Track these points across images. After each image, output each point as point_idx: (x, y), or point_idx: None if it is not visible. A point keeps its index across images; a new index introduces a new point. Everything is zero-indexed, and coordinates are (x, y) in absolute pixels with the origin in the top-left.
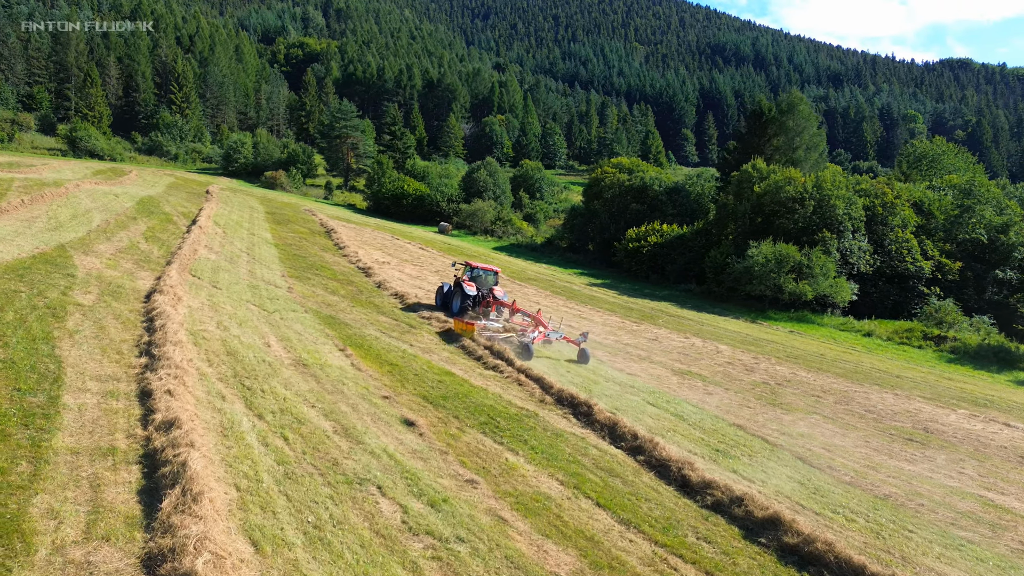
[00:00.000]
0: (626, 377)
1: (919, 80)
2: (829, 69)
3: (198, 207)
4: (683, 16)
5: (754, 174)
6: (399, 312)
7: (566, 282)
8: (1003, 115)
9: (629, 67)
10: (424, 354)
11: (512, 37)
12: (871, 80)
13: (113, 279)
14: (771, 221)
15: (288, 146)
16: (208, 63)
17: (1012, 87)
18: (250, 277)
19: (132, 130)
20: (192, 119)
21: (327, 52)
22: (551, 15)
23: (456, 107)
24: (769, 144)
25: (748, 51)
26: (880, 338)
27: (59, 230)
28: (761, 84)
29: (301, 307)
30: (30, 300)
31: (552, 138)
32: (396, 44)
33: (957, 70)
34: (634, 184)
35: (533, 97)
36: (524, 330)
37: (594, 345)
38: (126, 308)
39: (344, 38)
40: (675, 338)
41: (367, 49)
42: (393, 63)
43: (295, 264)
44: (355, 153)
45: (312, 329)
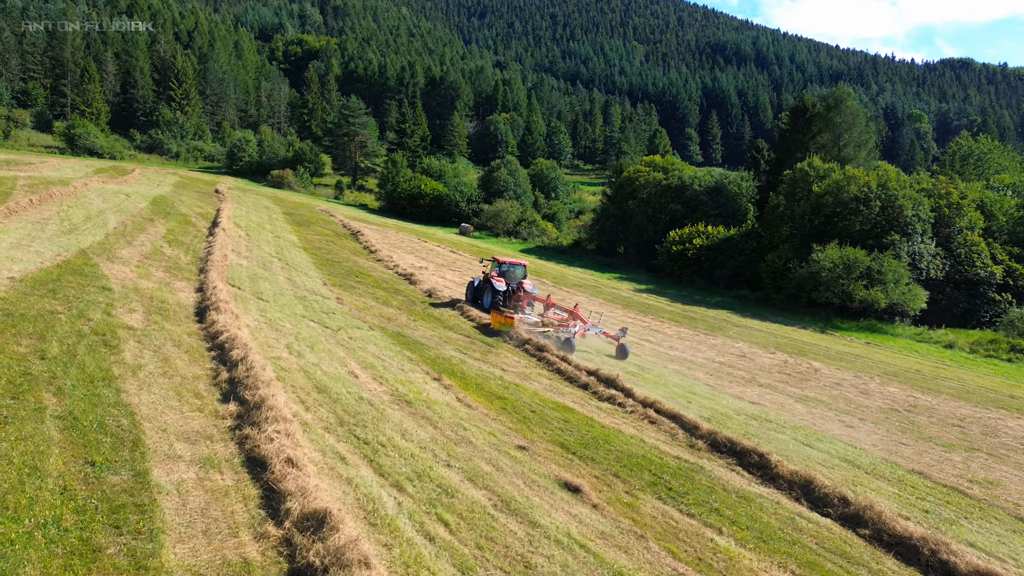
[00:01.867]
0: (751, 407)
1: (921, 80)
2: (831, 69)
3: (214, 207)
4: (681, 15)
5: (811, 172)
6: (466, 326)
7: (612, 288)
8: (1008, 115)
9: (630, 66)
10: (523, 381)
11: (510, 36)
12: (873, 80)
13: (152, 292)
14: (832, 223)
15: (293, 144)
16: (208, 60)
17: (1014, 87)
18: (292, 286)
19: (130, 128)
20: (192, 116)
21: (327, 49)
22: (548, 14)
23: (460, 105)
24: (814, 141)
25: (749, 50)
26: (963, 350)
27: (75, 233)
28: (764, 83)
29: (363, 322)
30: (73, 324)
31: (557, 137)
32: (396, 42)
33: (958, 70)
34: (672, 183)
35: (537, 95)
36: (561, 324)
37: (687, 364)
38: (182, 330)
39: (344, 35)
40: (762, 354)
41: (367, 46)
42: (395, 60)
43: (332, 270)
44: (363, 152)
45: (389, 351)
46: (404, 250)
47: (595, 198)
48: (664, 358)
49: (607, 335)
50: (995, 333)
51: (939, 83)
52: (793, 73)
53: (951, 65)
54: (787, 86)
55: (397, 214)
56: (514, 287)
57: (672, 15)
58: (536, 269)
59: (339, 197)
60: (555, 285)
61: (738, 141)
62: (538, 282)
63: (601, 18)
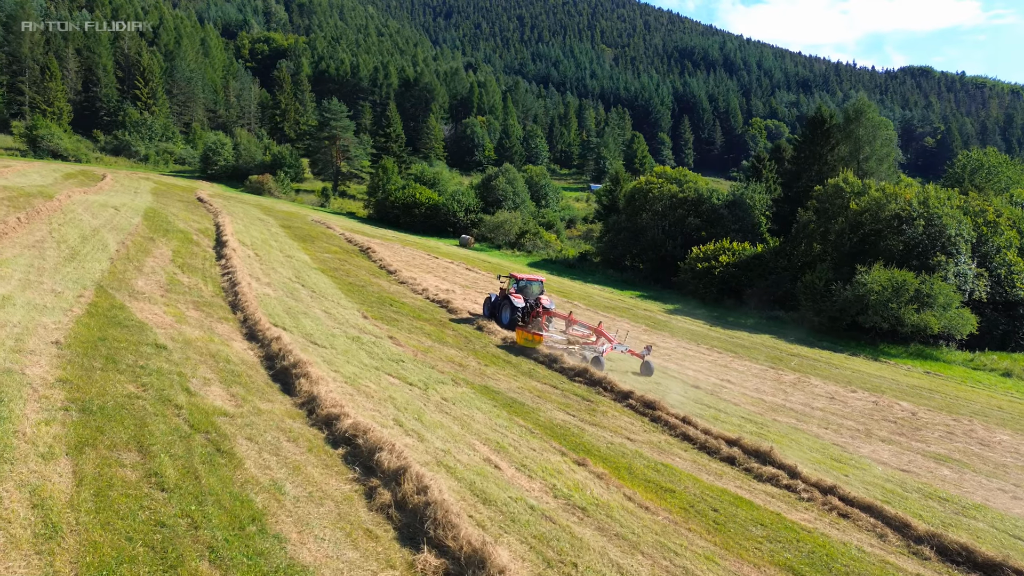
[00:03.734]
0: (906, 477)
1: (883, 87)
2: (797, 75)
3: (209, 221)
4: (647, 19)
5: (846, 188)
6: (542, 371)
7: (644, 310)
8: (969, 122)
9: (601, 69)
10: (660, 455)
11: (477, 37)
12: (838, 87)
13: (205, 345)
14: (871, 242)
15: (271, 148)
16: (174, 57)
17: (972, 95)
18: (335, 322)
19: (93, 128)
20: (159, 116)
21: (295, 48)
22: (515, 15)
23: (435, 107)
24: (832, 153)
25: (717, 56)
26: (1021, 378)
27: (78, 259)
28: (734, 89)
29: (440, 373)
30: (165, 418)
31: (534, 141)
32: (366, 41)
33: (918, 78)
34: (688, 196)
35: (512, 98)
36: (586, 342)
37: (790, 413)
38: (279, 410)
39: (312, 34)
40: (844, 393)
41: (337, 46)
42: (367, 60)
43: (363, 298)
44: (346, 156)
45: (498, 419)
46: (420, 269)
47: (581, 204)
48: (762, 405)
49: (632, 353)
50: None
51: (901, 90)
52: (761, 79)
53: (911, 73)
54: (756, 91)
55: (390, 223)
56: (532, 303)
57: (639, 19)
58: (557, 288)
59: (325, 205)
60: (589, 307)
61: (710, 146)
62: (573, 306)
63: (569, 21)
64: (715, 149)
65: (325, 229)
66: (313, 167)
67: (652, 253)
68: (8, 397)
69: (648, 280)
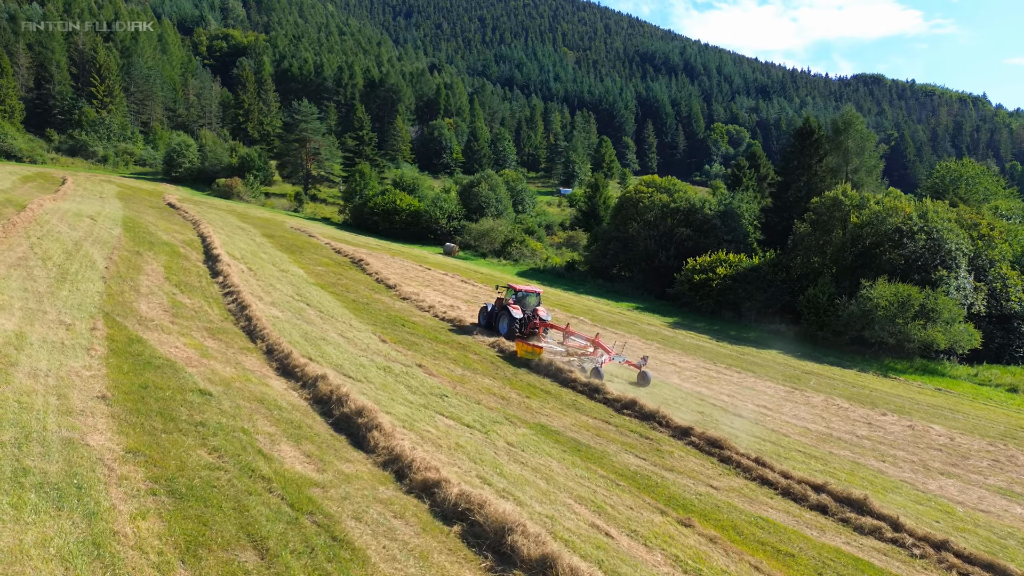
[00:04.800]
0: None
1: (837, 94)
2: (756, 81)
3: (190, 231)
4: (608, 23)
5: (846, 201)
6: (589, 402)
7: (648, 324)
8: (920, 130)
9: (565, 72)
10: (752, 506)
11: (439, 37)
12: (795, 93)
13: (244, 386)
14: (872, 255)
15: (237, 150)
16: (131, 54)
17: (922, 102)
18: (358, 349)
19: (46, 127)
20: (116, 115)
21: (256, 46)
22: (476, 16)
23: (401, 109)
24: (820, 164)
25: (677, 60)
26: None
27: (70, 280)
28: (695, 94)
29: (488, 409)
30: (259, 495)
31: (502, 144)
32: (328, 40)
33: (870, 85)
34: (680, 206)
35: (479, 101)
36: (585, 353)
37: (840, 443)
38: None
39: (272, 31)
40: (876, 416)
41: (299, 44)
42: (331, 60)
43: (373, 318)
44: (316, 159)
45: (576, 468)
46: (418, 282)
47: (554, 209)
48: (810, 435)
49: (630, 363)
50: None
51: (854, 97)
52: (721, 84)
53: (864, 81)
54: (716, 97)
55: (368, 230)
56: (529, 314)
57: (599, 22)
58: (556, 301)
59: (298, 210)
60: (596, 324)
61: (673, 150)
62: (580, 322)
63: (530, 23)
64: (678, 153)
65: (308, 238)
66: (281, 170)
67: (644, 263)
68: (87, 482)
69: (640, 291)
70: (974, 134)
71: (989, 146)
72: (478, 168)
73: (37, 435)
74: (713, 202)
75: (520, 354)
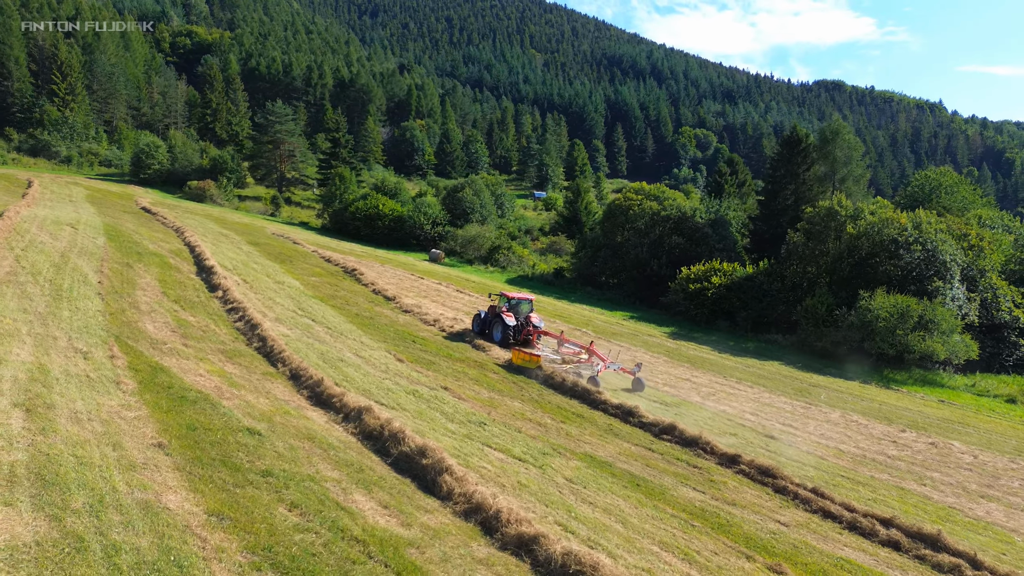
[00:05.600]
0: None
1: (800, 100)
2: (722, 86)
3: (175, 239)
4: (575, 25)
5: (841, 212)
6: (624, 426)
7: (649, 335)
8: (881, 135)
9: (534, 74)
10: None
11: (406, 37)
12: (760, 98)
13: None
14: (869, 266)
15: (208, 151)
16: (93, 50)
17: (881, 108)
18: (376, 370)
19: (5, 126)
20: (79, 114)
21: (221, 43)
22: (444, 16)
23: (372, 109)
24: (808, 173)
25: (644, 64)
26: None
27: (66, 298)
28: (663, 98)
29: (531, 438)
30: (360, 564)
31: (474, 146)
32: (296, 39)
33: (831, 91)
34: (671, 214)
35: (451, 102)
36: (580, 361)
37: (881, 467)
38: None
39: (237, 28)
40: (895, 433)
41: (266, 42)
42: (300, 59)
43: (381, 334)
44: (291, 162)
45: (647, 508)
46: (414, 292)
47: (531, 213)
48: (843, 457)
49: (624, 370)
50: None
51: (816, 103)
52: (688, 88)
53: (825, 87)
54: (684, 101)
55: (349, 236)
56: (522, 322)
57: (566, 25)
58: (552, 311)
59: (275, 214)
60: (599, 336)
61: (642, 154)
62: (583, 334)
63: (498, 24)
64: (647, 157)
65: (293, 245)
66: (254, 172)
67: (636, 272)
68: (184, 558)
69: (632, 299)
70: (932, 140)
71: (947, 152)
72: (451, 170)
73: (110, 499)
74: (703, 210)
75: (516, 362)
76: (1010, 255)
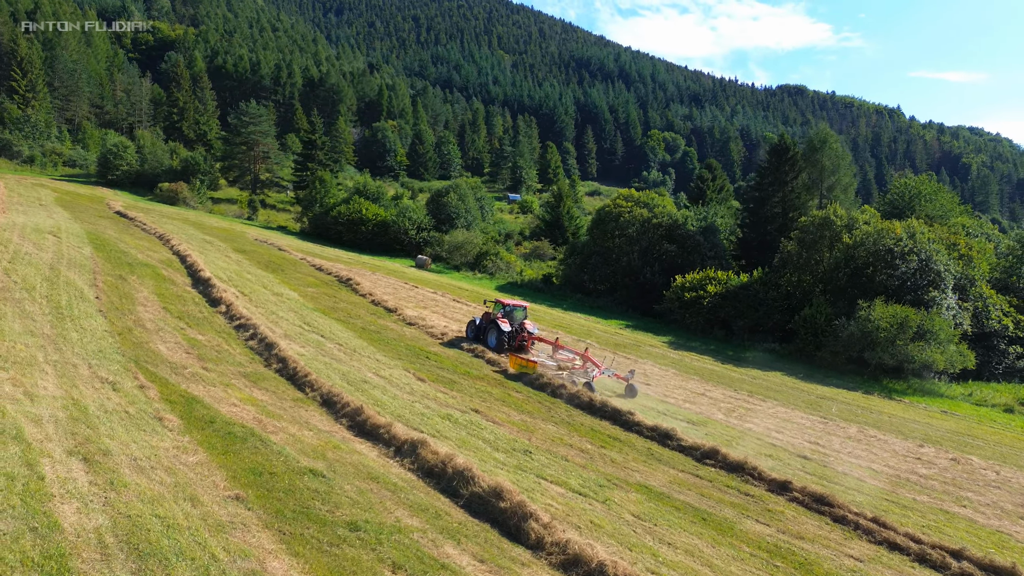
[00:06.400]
0: None
1: (765, 104)
2: (689, 89)
3: (161, 247)
4: (542, 27)
5: (837, 221)
6: (663, 450)
7: (652, 346)
8: (843, 140)
9: (503, 76)
10: None
11: (372, 36)
12: (726, 102)
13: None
14: (865, 275)
15: (177, 152)
16: (54, 46)
17: (842, 113)
18: (402, 391)
19: None
20: (40, 112)
21: (185, 40)
22: (410, 16)
23: (343, 110)
24: (796, 181)
25: (612, 67)
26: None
27: (69, 317)
28: (632, 101)
29: (580, 468)
30: None
31: (447, 147)
32: (262, 36)
33: (794, 95)
34: (663, 222)
35: (422, 103)
36: (574, 367)
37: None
38: None
39: (201, 25)
40: (918, 449)
41: (231, 39)
42: (268, 57)
43: (394, 351)
44: (266, 163)
45: (723, 547)
46: (413, 302)
47: (509, 217)
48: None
49: (618, 376)
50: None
51: (780, 107)
52: (656, 91)
53: (788, 91)
54: (652, 104)
55: (331, 241)
56: (516, 328)
57: (533, 26)
58: (552, 321)
59: (252, 218)
60: (605, 348)
61: (612, 156)
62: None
63: (465, 24)
64: (617, 159)
65: (279, 252)
66: (226, 174)
67: (628, 279)
68: None
69: (624, 307)
70: (892, 144)
71: (906, 156)
72: (424, 172)
73: (215, 571)
74: (694, 217)
75: (513, 368)
76: (994, 264)
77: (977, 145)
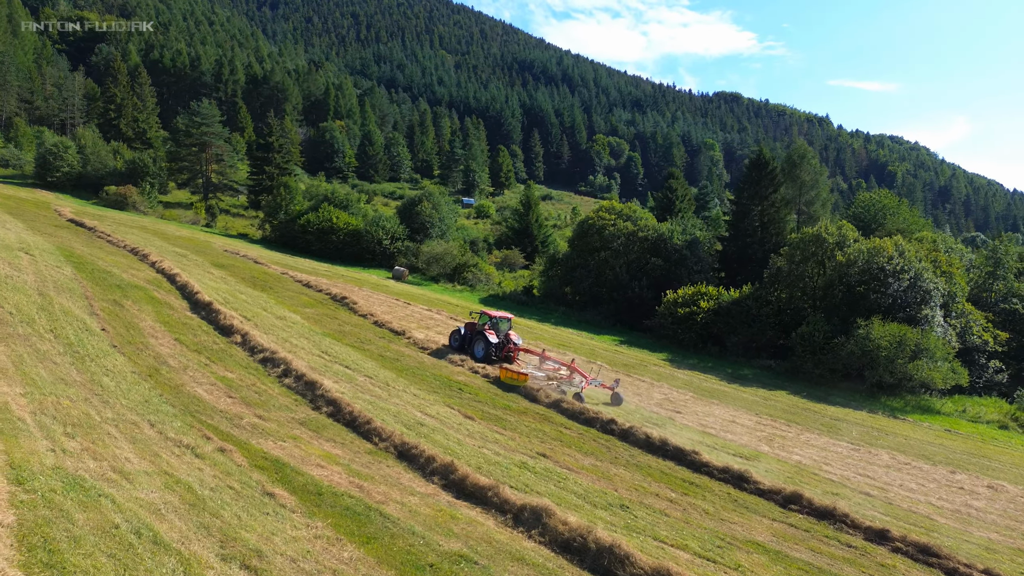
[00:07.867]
0: None
1: (703, 110)
2: (630, 94)
3: (144, 266)
4: (483, 28)
5: (828, 238)
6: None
7: (655, 365)
8: (779, 147)
9: (448, 76)
10: None
11: (310, 32)
12: (666, 108)
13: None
14: (861, 294)
15: (122, 152)
16: None
17: (776, 120)
18: (460, 434)
19: None
20: None
21: (117, 32)
22: (349, 12)
23: (288, 109)
24: (775, 195)
25: (555, 70)
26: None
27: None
28: (577, 105)
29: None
30: None
31: (396, 148)
32: (200, 30)
33: (730, 102)
34: (648, 235)
35: (370, 103)
36: (562, 377)
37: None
38: None
39: (133, 16)
40: (948, 475)
41: (167, 32)
42: (208, 52)
43: (425, 383)
44: (220, 166)
45: None
46: (414, 321)
47: (468, 222)
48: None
49: (604, 386)
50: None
51: (718, 114)
52: (599, 96)
53: (724, 98)
54: (596, 108)
55: (299, 250)
56: (502, 339)
57: (475, 27)
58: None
59: (210, 225)
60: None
61: (558, 160)
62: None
63: (406, 23)
64: (563, 163)
65: (256, 265)
66: (175, 177)
67: (617, 294)
68: None
69: (612, 321)
70: (823, 152)
71: (837, 164)
72: (373, 173)
73: None
74: (678, 231)
75: (503, 379)
76: (966, 279)
77: (900, 153)
